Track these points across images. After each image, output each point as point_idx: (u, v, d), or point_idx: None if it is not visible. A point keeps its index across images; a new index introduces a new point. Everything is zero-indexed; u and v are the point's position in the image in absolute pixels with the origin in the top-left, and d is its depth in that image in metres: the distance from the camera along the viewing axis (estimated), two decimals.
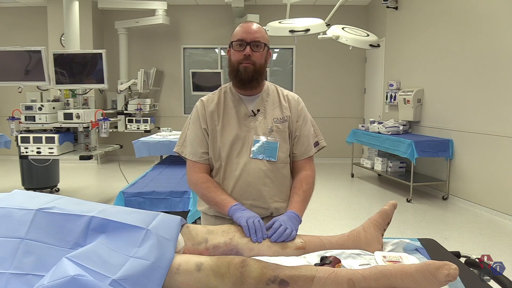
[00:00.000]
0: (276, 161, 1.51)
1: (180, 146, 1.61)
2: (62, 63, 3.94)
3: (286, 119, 1.55)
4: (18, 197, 1.22)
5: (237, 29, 1.51)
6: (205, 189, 1.51)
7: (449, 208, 4.54)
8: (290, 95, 1.62)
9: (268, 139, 1.51)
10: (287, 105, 1.58)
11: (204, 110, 1.55)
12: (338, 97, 7.72)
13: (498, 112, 4.09)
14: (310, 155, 1.60)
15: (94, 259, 1.03)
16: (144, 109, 6.84)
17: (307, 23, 4.06)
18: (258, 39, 1.47)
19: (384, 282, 1.08)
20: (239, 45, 1.47)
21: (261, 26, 1.53)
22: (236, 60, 1.48)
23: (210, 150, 1.54)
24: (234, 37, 1.50)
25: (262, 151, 1.50)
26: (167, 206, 2.85)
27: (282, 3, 4.85)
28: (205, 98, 1.59)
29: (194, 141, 1.55)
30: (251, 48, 1.46)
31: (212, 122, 1.53)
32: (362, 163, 6.16)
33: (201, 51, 7.86)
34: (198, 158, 1.54)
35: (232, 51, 1.50)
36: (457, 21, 4.73)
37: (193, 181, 1.55)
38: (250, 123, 1.53)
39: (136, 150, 4.11)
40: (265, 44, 1.49)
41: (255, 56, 1.46)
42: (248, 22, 1.51)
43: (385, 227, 1.40)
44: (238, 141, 1.51)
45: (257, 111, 1.54)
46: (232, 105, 1.55)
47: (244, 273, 1.09)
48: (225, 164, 1.51)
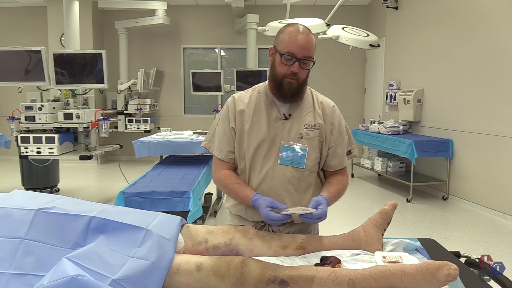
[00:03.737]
0: (304, 168, 1.47)
1: (208, 142, 1.59)
2: (62, 63, 3.93)
3: (318, 127, 1.49)
4: (18, 197, 1.22)
5: (289, 37, 1.39)
6: (229, 185, 1.49)
7: (449, 208, 4.54)
8: (325, 101, 1.55)
9: (298, 146, 1.46)
10: (320, 113, 1.51)
11: (234, 108, 1.51)
12: (338, 97, 7.66)
13: (498, 112, 4.09)
14: (344, 165, 1.57)
15: (94, 259, 1.03)
16: (144, 109, 6.84)
17: (307, 23, 4.06)
18: (308, 56, 1.39)
19: (384, 282, 1.08)
20: (288, 59, 1.39)
21: (312, 36, 1.42)
22: (281, 72, 1.41)
23: (236, 149, 1.51)
24: (284, 46, 1.39)
25: (290, 158, 1.46)
26: (167, 206, 2.84)
27: (282, 3, 4.85)
28: (237, 96, 1.54)
29: (222, 138, 1.53)
30: (299, 64, 1.39)
31: (241, 122, 1.49)
32: (362, 163, 6.16)
33: (201, 51, 7.86)
34: (223, 156, 1.52)
35: (277, 59, 1.42)
36: (457, 21, 4.73)
37: (217, 177, 1.54)
38: (280, 127, 1.48)
39: (136, 150, 4.10)
40: (313, 61, 1.42)
41: (301, 72, 1.41)
42: (302, 34, 1.39)
43: (385, 227, 1.39)
44: (265, 144, 1.47)
45: (289, 115, 1.49)
46: (264, 106, 1.50)
47: (244, 273, 1.09)
48: (249, 165, 1.49)
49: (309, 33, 1.41)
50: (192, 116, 7.88)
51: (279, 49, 1.41)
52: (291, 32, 1.40)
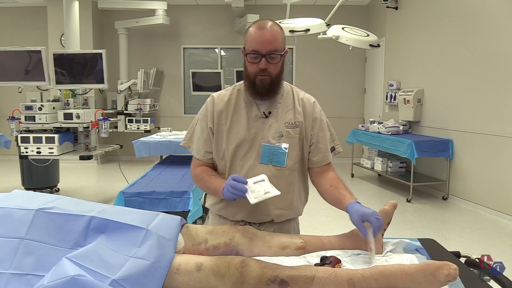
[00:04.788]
0: (284, 167, 1.46)
1: (187, 141, 1.58)
2: (62, 63, 3.93)
3: (298, 124, 1.48)
4: (18, 197, 1.22)
5: (252, 34, 1.38)
6: (201, 180, 1.49)
7: (449, 208, 4.54)
8: (306, 98, 1.54)
9: (278, 145, 1.45)
10: (301, 110, 1.50)
11: (213, 108, 1.49)
12: (338, 97, 7.72)
13: (498, 112, 4.09)
14: (328, 161, 1.55)
15: (94, 259, 1.03)
16: (144, 109, 6.85)
17: (307, 23, 4.06)
18: (273, 50, 1.37)
19: (384, 282, 1.08)
20: (253, 57, 1.38)
21: (276, 27, 1.40)
22: (251, 71, 1.40)
23: (214, 149, 1.50)
24: (248, 45, 1.39)
25: (270, 157, 1.45)
26: (167, 206, 2.85)
27: (282, 3, 4.85)
28: (216, 95, 1.53)
29: (200, 139, 1.52)
30: (266, 60, 1.37)
31: (219, 121, 1.48)
32: (362, 163, 6.16)
33: (201, 51, 7.86)
34: (201, 157, 1.52)
35: (246, 60, 1.41)
36: (457, 21, 4.73)
37: (194, 173, 1.54)
38: (259, 125, 1.46)
39: (136, 150, 4.11)
40: (281, 55, 1.40)
41: (271, 68, 1.39)
42: (263, 29, 1.37)
43: (385, 227, 1.39)
44: (245, 143, 1.45)
45: (268, 113, 1.47)
46: (243, 105, 1.48)
47: (244, 273, 1.09)
48: (230, 165, 1.47)
49: (272, 26, 1.38)
50: (192, 116, 7.81)
51: (246, 49, 1.40)
52: (253, 29, 1.39)
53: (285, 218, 1.51)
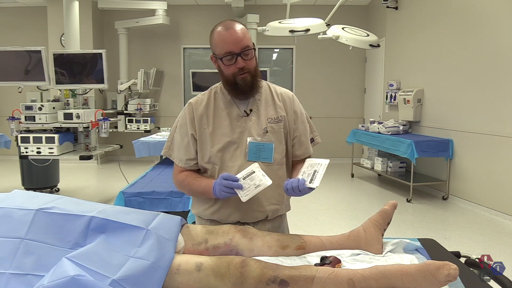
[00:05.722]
0: (272, 163, 1.47)
1: (167, 150, 1.57)
2: (62, 63, 3.94)
3: (281, 119, 1.50)
4: (18, 197, 1.22)
5: (220, 37, 1.39)
6: (187, 185, 1.48)
7: (449, 208, 4.54)
8: (284, 92, 1.56)
9: (263, 141, 1.46)
10: (281, 104, 1.52)
11: (193, 114, 1.49)
12: (338, 97, 7.72)
13: (498, 112, 4.09)
14: (309, 154, 1.57)
15: (94, 259, 1.03)
16: (144, 109, 6.84)
17: (307, 23, 4.06)
18: (246, 47, 1.38)
19: (384, 282, 1.08)
20: (229, 59, 1.38)
21: (240, 24, 1.41)
22: (230, 73, 1.40)
23: (199, 154, 1.49)
24: (219, 49, 1.39)
25: (257, 153, 1.46)
26: (167, 206, 2.85)
27: (282, 3, 4.85)
28: (194, 100, 1.53)
29: (180, 147, 1.51)
30: (242, 58, 1.38)
31: (201, 126, 1.48)
32: (362, 163, 6.16)
33: (201, 51, 7.86)
34: (183, 164, 1.51)
35: (221, 64, 1.41)
36: (457, 21, 4.73)
37: (177, 181, 1.53)
38: (243, 124, 1.47)
39: (136, 150, 4.11)
40: (253, 49, 1.41)
41: (248, 64, 1.40)
42: (230, 29, 1.38)
43: (385, 227, 1.39)
44: (231, 143, 1.45)
45: (249, 111, 1.48)
46: (223, 107, 1.49)
47: (244, 273, 1.09)
48: (219, 167, 1.46)
49: (237, 25, 1.40)
50: None
51: (217, 54, 1.41)
52: (219, 33, 1.40)
53: (279, 213, 1.53)
